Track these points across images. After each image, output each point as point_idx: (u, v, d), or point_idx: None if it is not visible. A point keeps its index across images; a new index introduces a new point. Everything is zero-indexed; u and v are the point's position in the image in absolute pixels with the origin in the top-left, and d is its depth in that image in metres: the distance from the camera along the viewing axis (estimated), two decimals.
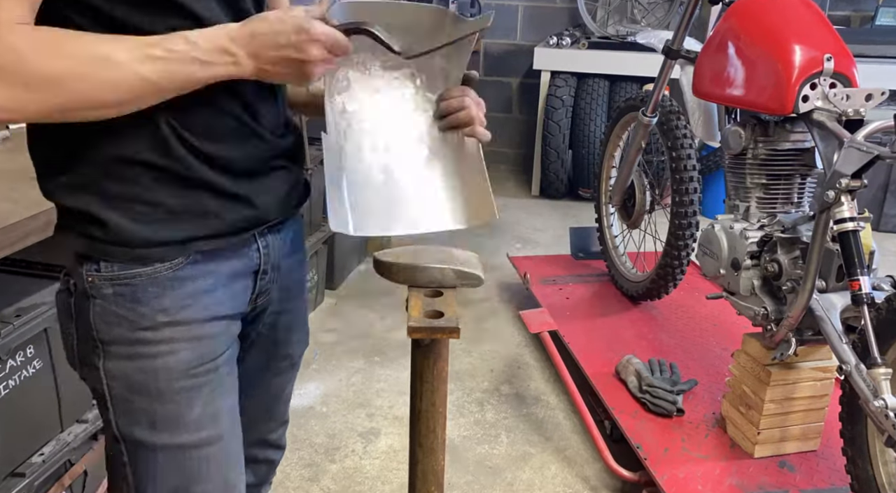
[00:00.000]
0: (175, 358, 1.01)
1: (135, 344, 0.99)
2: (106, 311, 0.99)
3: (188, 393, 1.02)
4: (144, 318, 0.99)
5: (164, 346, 1.00)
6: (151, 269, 0.98)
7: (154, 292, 0.98)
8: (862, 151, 1.72)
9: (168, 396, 1.01)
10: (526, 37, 4.97)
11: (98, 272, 0.98)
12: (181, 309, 1.00)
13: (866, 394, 1.67)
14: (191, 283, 1.00)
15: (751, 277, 2.05)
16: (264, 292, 1.13)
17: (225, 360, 1.07)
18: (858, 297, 1.72)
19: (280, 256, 1.14)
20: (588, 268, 3.30)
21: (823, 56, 1.89)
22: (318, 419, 2.44)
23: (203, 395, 1.04)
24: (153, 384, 1.01)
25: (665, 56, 2.55)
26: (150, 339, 0.99)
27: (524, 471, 2.24)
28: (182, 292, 1.00)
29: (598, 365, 2.50)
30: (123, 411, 1.02)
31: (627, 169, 2.86)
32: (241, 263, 1.07)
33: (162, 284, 0.99)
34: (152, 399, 1.01)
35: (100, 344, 1.00)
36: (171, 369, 1.01)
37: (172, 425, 1.02)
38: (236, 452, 1.11)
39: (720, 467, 2.05)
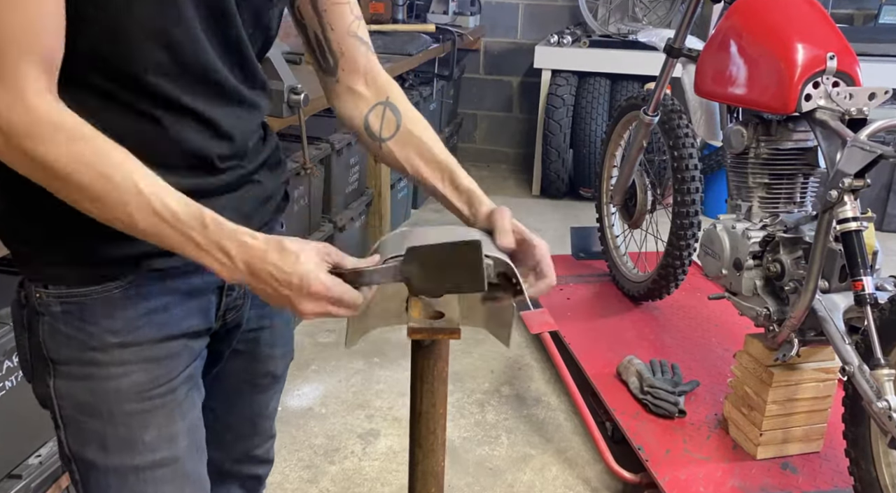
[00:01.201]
0: (128, 380, 0.96)
1: (85, 365, 0.95)
2: (55, 329, 0.95)
3: (141, 416, 0.98)
4: (93, 338, 0.94)
5: (115, 368, 0.96)
6: (102, 287, 0.93)
7: (104, 311, 0.94)
8: (865, 151, 1.71)
9: (120, 418, 0.97)
10: (526, 35, 4.96)
11: (46, 289, 0.94)
12: (133, 330, 0.96)
13: (869, 395, 1.66)
14: (143, 302, 0.96)
15: (753, 277, 2.04)
16: (234, 307, 1.08)
17: (183, 379, 1.02)
18: (861, 297, 1.72)
19: None
20: (589, 268, 3.29)
21: (826, 54, 1.88)
22: (318, 420, 2.43)
23: (158, 417, 0.99)
24: (104, 407, 0.96)
25: (667, 55, 2.54)
26: (100, 360, 0.95)
27: (525, 473, 2.23)
28: (134, 312, 0.95)
29: (599, 366, 2.49)
30: (74, 431, 0.98)
31: (629, 168, 2.85)
32: (201, 279, 1.01)
33: (112, 303, 0.94)
34: (103, 421, 0.97)
35: (50, 362, 0.96)
36: (122, 391, 0.96)
37: (124, 447, 0.98)
38: (195, 471, 1.06)
39: (722, 468, 2.04)
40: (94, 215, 0.84)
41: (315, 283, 0.86)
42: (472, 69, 5.06)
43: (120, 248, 0.92)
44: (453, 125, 4.89)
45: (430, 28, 4.03)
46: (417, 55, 3.60)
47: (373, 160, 3.48)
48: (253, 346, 1.16)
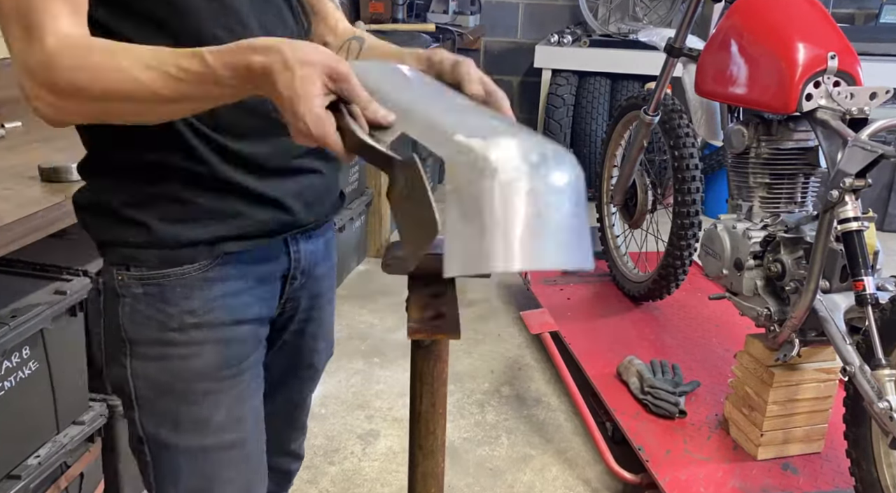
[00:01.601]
0: (201, 360, 1.00)
1: (162, 345, 0.99)
2: (135, 310, 0.99)
3: (213, 396, 1.02)
4: (172, 319, 0.98)
5: (190, 348, 1.00)
6: (180, 269, 0.98)
7: (182, 292, 0.98)
8: (866, 150, 1.71)
9: (193, 398, 1.01)
10: (527, 35, 4.95)
11: (128, 271, 0.98)
12: (208, 311, 1.00)
13: (870, 395, 1.66)
14: (219, 284, 1.00)
15: (754, 277, 2.04)
16: (293, 297, 1.12)
17: (251, 364, 1.06)
18: (862, 297, 1.71)
19: (312, 262, 1.13)
20: None
21: (827, 54, 1.87)
22: (317, 420, 2.42)
23: (228, 398, 1.04)
24: (179, 386, 1.00)
25: (667, 54, 2.54)
26: (177, 340, 0.99)
27: (525, 473, 2.22)
28: (210, 294, 0.99)
29: (599, 366, 2.48)
30: (148, 410, 1.02)
31: (629, 168, 2.85)
32: (271, 266, 1.06)
33: (190, 285, 0.98)
34: (177, 401, 1.01)
35: (128, 343, 1.00)
36: (197, 371, 1.01)
37: (196, 427, 1.02)
38: (258, 456, 1.11)
39: (723, 469, 2.03)
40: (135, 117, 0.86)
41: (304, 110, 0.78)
42: None
43: (195, 230, 0.96)
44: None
45: (430, 28, 4.02)
46: None
47: None
48: (299, 338, 1.19)
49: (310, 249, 1.11)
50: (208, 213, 0.97)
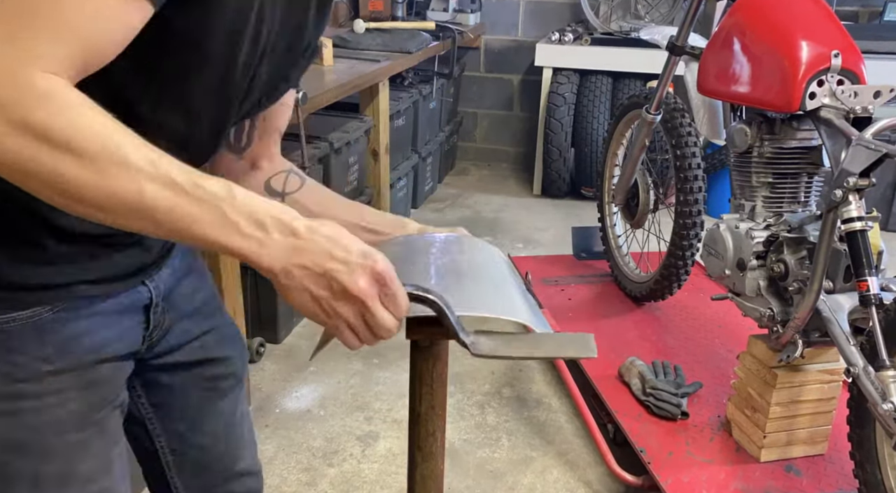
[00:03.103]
0: (65, 410, 0.89)
1: (12, 399, 0.86)
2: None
3: (80, 446, 0.92)
4: (21, 369, 0.85)
5: (49, 398, 0.88)
6: (29, 312, 0.85)
7: (32, 338, 0.85)
8: (870, 150, 1.69)
9: (56, 452, 0.90)
10: (527, 33, 4.94)
11: None
12: (66, 354, 0.88)
13: (874, 397, 1.64)
14: (73, 324, 0.88)
15: (756, 277, 2.02)
16: (159, 325, 1.02)
17: (118, 403, 0.97)
18: (866, 298, 1.70)
19: (171, 283, 1.04)
20: (590, 268, 3.27)
21: (831, 52, 1.86)
22: (316, 422, 2.41)
23: (96, 445, 0.93)
24: (38, 442, 0.88)
25: (669, 52, 2.52)
26: (30, 392, 0.86)
27: (525, 475, 2.20)
28: (64, 336, 0.88)
29: (600, 367, 2.47)
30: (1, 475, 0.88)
31: (631, 168, 2.83)
32: (129, 299, 0.96)
33: (42, 328, 0.86)
34: (36, 458, 0.88)
35: None
36: (60, 421, 0.89)
37: (61, 483, 0.91)
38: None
39: (725, 471, 2.02)
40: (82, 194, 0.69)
41: (382, 261, 0.73)
42: (472, 67, 5.04)
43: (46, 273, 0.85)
44: (453, 124, 4.87)
45: (430, 26, 4.01)
46: (417, 53, 3.58)
47: (372, 159, 3.47)
48: (203, 352, 1.11)
49: (166, 272, 1.02)
50: (62, 256, 0.86)
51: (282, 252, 0.73)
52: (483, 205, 4.47)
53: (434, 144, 4.40)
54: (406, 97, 3.81)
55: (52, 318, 0.87)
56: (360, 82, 2.94)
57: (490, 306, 0.84)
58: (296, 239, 0.73)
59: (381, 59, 3.25)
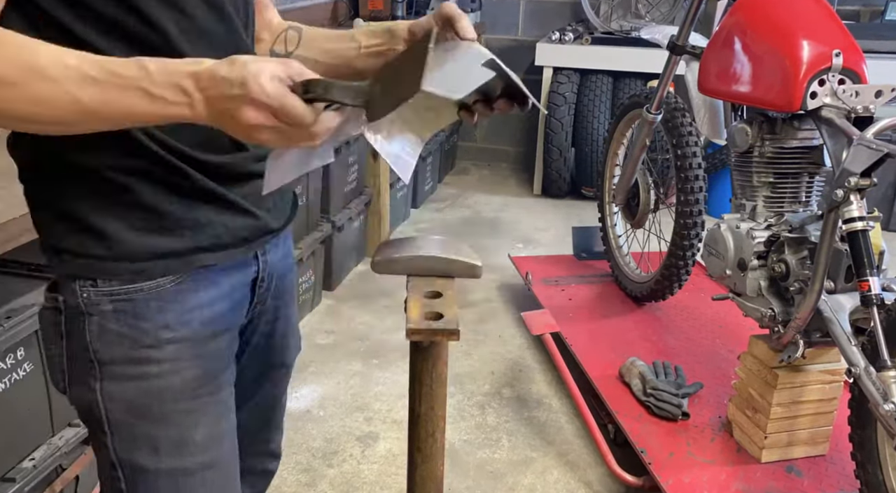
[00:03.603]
0: (180, 377, 0.95)
1: (138, 363, 0.93)
2: (104, 329, 0.92)
3: (194, 415, 0.98)
4: (147, 335, 0.93)
5: (167, 365, 0.94)
6: (154, 283, 0.92)
7: (157, 306, 0.93)
8: (871, 149, 1.69)
9: (173, 418, 0.96)
10: (528, 32, 4.93)
11: (95, 287, 0.91)
12: (184, 324, 0.95)
13: (876, 397, 1.64)
14: (193, 296, 0.95)
15: (757, 277, 2.02)
16: (261, 301, 1.09)
17: (227, 377, 1.03)
18: (868, 298, 1.69)
19: (276, 264, 1.10)
20: (591, 268, 3.26)
21: (832, 52, 1.85)
22: (315, 422, 2.40)
23: (207, 416, 0.99)
24: (157, 407, 0.95)
25: (670, 52, 2.52)
26: (153, 357, 0.93)
27: (526, 476, 2.20)
28: (184, 306, 0.95)
29: (601, 368, 2.46)
30: (124, 435, 0.96)
31: (631, 167, 2.83)
32: (241, 273, 1.03)
33: (164, 298, 0.93)
34: (156, 423, 0.95)
35: (97, 364, 0.93)
36: (175, 389, 0.95)
37: (176, 448, 0.97)
38: (234, 474, 1.07)
39: (726, 472, 2.01)
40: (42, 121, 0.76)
41: (253, 84, 0.75)
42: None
43: (168, 241, 0.91)
44: (453, 123, 4.87)
45: None
46: None
47: (371, 159, 3.46)
48: (269, 338, 1.16)
49: (272, 249, 1.08)
50: (180, 222, 0.92)
51: (204, 106, 0.78)
52: (483, 205, 4.46)
53: (434, 144, 4.40)
54: None
55: (175, 289, 0.93)
56: None
57: None
58: (207, 91, 0.77)
59: None
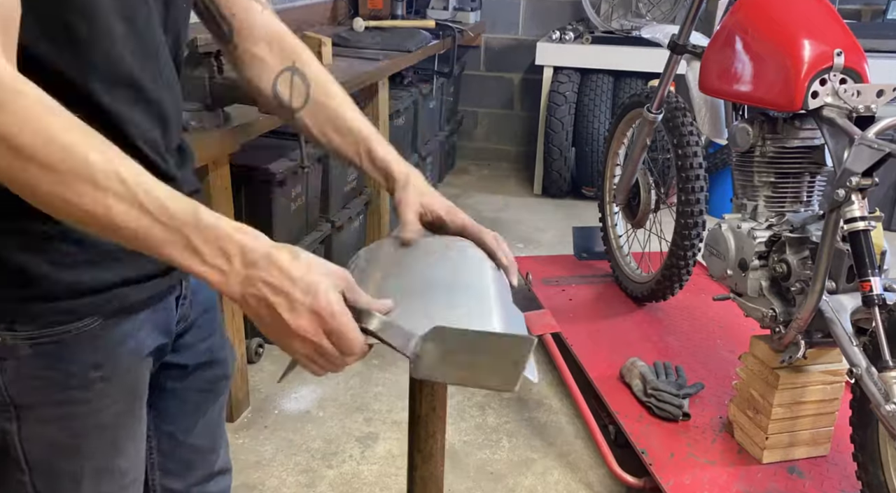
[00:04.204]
0: (109, 413, 0.90)
1: (62, 405, 0.87)
2: (21, 374, 0.83)
3: (120, 444, 0.93)
4: (74, 377, 0.86)
5: (95, 403, 0.88)
6: (82, 323, 0.84)
7: (84, 347, 0.85)
8: (873, 149, 1.68)
9: (96, 451, 0.91)
10: (528, 31, 4.92)
11: (12, 331, 0.81)
12: (114, 359, 0.88)
13: (877, 398, 1.63)
14: (117, 328, 0.88)
15: (759, 277, 2.01)
16: (184, 318, 1.03)
17: (146, 398, 0.98)
18: (869, 298, 1.68)
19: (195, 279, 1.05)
20: (591, 269, 3.25)
21: (833, 51, 1.85)
22: (315, 423, 2.40)
23: (130, 441, 0.95)
24: (83, 445, 0.90)
25: (671, 51, 2.51)
26: (80, 398, 0.87)
27: (526, 477, 2.19)
28: (111, 341, 0.88)
29: (601, 368, 2.46)
30: (44, 471, 0.90)
31: (632, 167, 2.82)
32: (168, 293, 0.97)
33: (93, 335, 0.85)
34: (80, 458, 0.90)
35: (13, 408, 0.85)
36: (104, 425, 0.90)
37: (98, 476, 0.93)
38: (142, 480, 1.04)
39: (727, 472, 2.00)
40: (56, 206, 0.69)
41: (324, 297, 0.74)
42: (472, 66, 5.03)
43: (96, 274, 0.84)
44: (453, 123, 4.86)
45: (430, 24, 3.99)
46: (417, 52, 3.56)
47: None
48: (209, 354, 1.10)
49: None
50: (108, 253, 0.84)
51: (241, 282, 0.74)
52: (483, 205, 4.45)
53: (434, 144, 4.39)
54: (406, 96, 3.80)
55: (101, 325, 0.86)
56: (359, 81, 2.92)
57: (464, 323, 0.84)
58: (254, 270, 0.73)
59: (380, 58, 3.23)
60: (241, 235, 0.74)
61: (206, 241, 0.72)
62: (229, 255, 0.73)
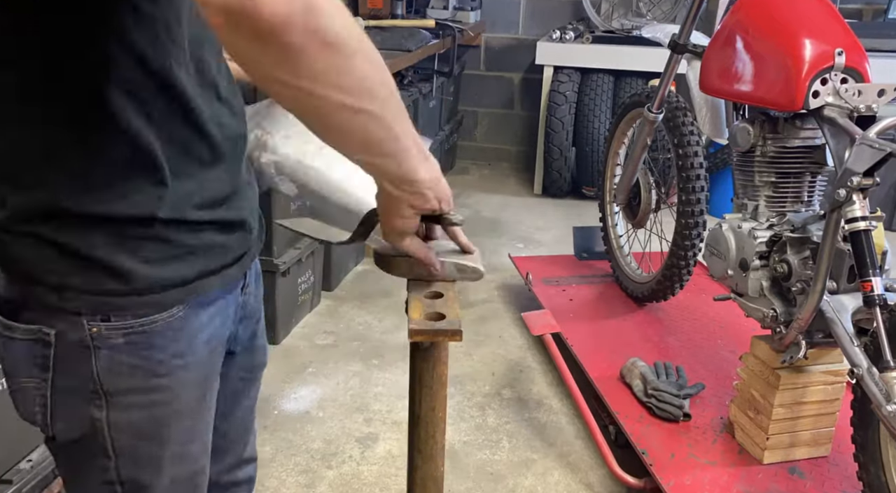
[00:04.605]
0: (185, 400, 0.96)
1: (147, 392, 0.93)
2: (115, 361, 0.89)
3: (193, 431, 0.99)
4: (161, 365, 0.92)
5: (176, 390, 0.94)
6: (167, 313, 0.90)
7: (170, 336, 0.92)
8: (874, 149, 1.67)
9: (175, 437, 0.97)
10: (528, 31, 4.92)
11: (107, 321, 0.88)
12: (194, 349, 0.94)
13: (878, 398, 1.63)
14: (195, 319, 0.94)
15: (759, 277, 2.00)
16: (244, 304, 1.08)
17: (216, 386, 1.03)
18: (870, 298, 1.68)
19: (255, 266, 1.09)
20: (592, 269, 3.25)
21: (834, 50, 1.84)
22: (315, 424, 2.39)
23: (202, 428, 1.01)
24: (164, 431, 0.95)
25: (671, 50, 2.50)
26: (163, 386, 0.93)
27: (526, 477, 2.19)
28: (191, 331, 0.94)
29: (602, 368, 2.45)
30: (127, 458, 0.95)
31: (632, 167, 2.81)
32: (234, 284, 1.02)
33: (176, 326, 0.92)
34: (161, 444, 0.96)
35: (103, 395, 0.91)
36: (180, 412, 0.96)
37: (175, 462, 0.98)
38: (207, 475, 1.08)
39: (728, 473, 2.00)
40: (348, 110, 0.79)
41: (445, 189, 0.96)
42: (472, 65, 5.02)
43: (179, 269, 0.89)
44: (453, 123, 4.86)
45: (430, 23, 3.99)
46: (417, 51, 3.56)
47: None
48: (253, 340, 1.15)
49: None
50: (190, 248, 0.90)
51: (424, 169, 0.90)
52: (483, 204, 4.45)
53: (434, 143, 4.39)
54: (405, 96, 3.80)
55: (183, 315, 0.92)
56: None
57: None
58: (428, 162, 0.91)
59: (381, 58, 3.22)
60: None
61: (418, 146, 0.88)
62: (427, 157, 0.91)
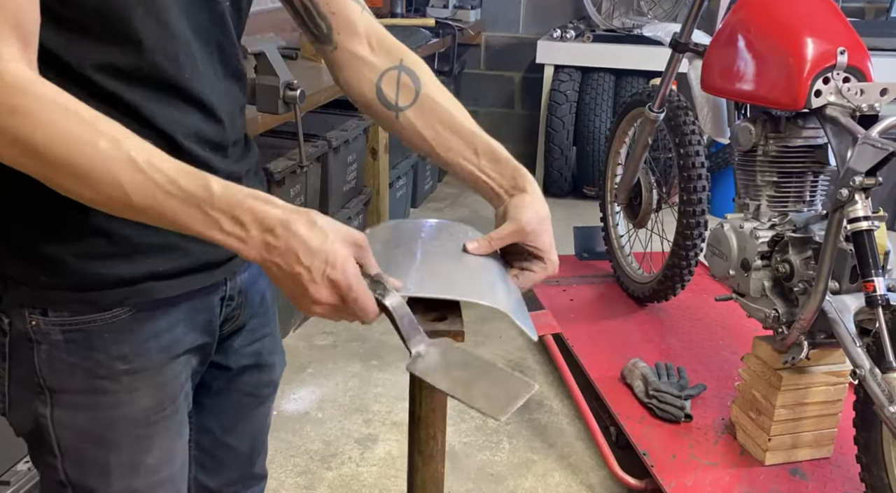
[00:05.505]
0: (135, 407, 0.92)
1: (90, 393, 0.89)
2: (54, 358, 0.87)
3: (147, 440, 0.94)
4: (101, 366, 0.88)
5: (123, 395, 0.90)
6: (109, 314, 0.87)
7: (112, 337, 0.88)
8: (876, 148, 1.67)
9: (125, 445, 0.93)
10: (529, 30, 4.91)
11: (45, 316, 0.85)
12: (141, 354, 0.90)
13: (881, 399, 1.62)
14: (150, 323, 0.90)
15: (761, 278, 2.00)
16: (231, 318, 1.03)
17: (184, 397, 0.98)
18: (873, 298, 1.68)
19: (249, 280, 1.04)
20: (593, 269, 3.24)
21: (837, 49, 1.84)
22: (314, 424, 2.38)
23: (160, 439, 0.96)
24: (110, 435, 0.92)
25: (672, 49, 2.50)
26: (107, 388, 0.89)
27: (527, 479, 2.18)
28: (141, 336, 0.89)
29: (603, 369, 2.44)
30: (74, 459, 0.92)
31: (633, 166, 2.81)
32: (205, 294, 0.96)
33: (119, 328, 0.88)
34: (108, 449, 0.92)
35: (47, 391, 0.89)
36: (129, 418, 0.92)
37: (127, 472, 0.94)
38: (183, 488, 1.04)
39: (730, 474, 1.99)
40: (82, 197, 0.73)
41: (341, 270, 0.75)
42: (472, 64, 5.01)
43: (122, 268, 0.85)
44: None
45: (430, 22, 3.98)
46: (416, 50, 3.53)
47: (371, 158, 3.44)
48: (256, 357, 1.11)
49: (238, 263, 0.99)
50: (135, 248, 0.85)
51: (260, 249, 0.75)
52: (483, 204, 4.42)
53: None
54: None
55: (130, 318, 0.88)
56: None
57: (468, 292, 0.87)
58: (272, 237, 0.74)
59: None
60: (252, 200, 0.75)
61: (220, 211, 0.74)
62: (243, 222, 0.74)
